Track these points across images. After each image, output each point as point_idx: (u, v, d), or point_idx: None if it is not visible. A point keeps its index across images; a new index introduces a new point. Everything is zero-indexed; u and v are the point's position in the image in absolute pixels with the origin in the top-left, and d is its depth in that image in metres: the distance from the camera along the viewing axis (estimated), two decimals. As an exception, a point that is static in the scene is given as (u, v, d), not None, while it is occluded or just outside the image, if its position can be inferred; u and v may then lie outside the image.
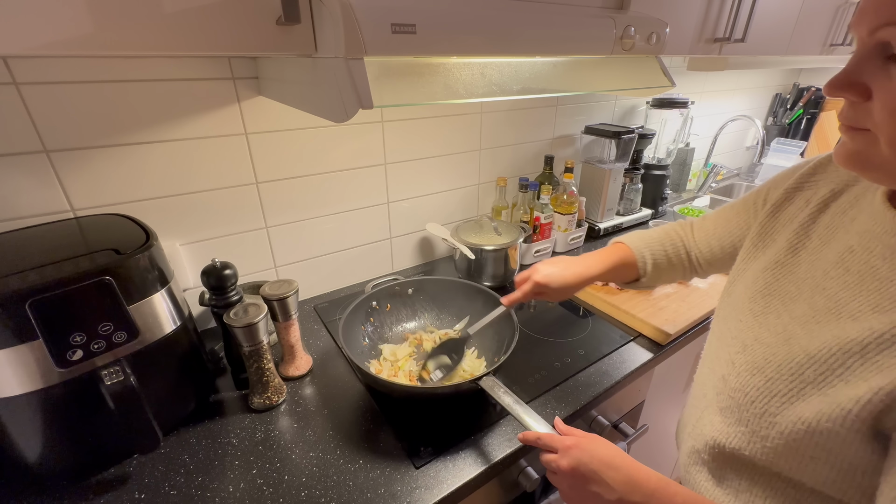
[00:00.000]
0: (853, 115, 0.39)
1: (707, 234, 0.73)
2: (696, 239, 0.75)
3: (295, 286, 0.78)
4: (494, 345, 0.87)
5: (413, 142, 1.10)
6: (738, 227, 0.68)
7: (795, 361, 0.45)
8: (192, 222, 0.87)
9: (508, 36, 0.64)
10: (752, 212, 0.65)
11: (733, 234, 0.69)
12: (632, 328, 0.97)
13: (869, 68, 0.37)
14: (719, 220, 0.72)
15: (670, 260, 0.76)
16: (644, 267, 0.77)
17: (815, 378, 0.43)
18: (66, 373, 0.56)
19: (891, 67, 0.35)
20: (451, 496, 0.62)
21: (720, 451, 0.52)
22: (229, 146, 0.86)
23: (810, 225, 0.53)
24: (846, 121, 0.40)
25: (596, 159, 1.43)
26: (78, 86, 0.70)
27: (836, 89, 0.38)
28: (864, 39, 0.37)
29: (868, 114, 0.37)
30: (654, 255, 0.76)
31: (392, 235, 1.18)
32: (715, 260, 0.73)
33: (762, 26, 1.20)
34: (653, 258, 0.76)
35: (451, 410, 0.75)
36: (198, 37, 0.49)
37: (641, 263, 0.77)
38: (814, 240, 0.52)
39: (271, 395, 0.75)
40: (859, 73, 0.37)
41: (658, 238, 0.78)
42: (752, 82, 2.13)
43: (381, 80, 0.55)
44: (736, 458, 0.50)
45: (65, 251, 0.60)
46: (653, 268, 0.77)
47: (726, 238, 0.70)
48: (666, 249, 0.77)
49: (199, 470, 0.65)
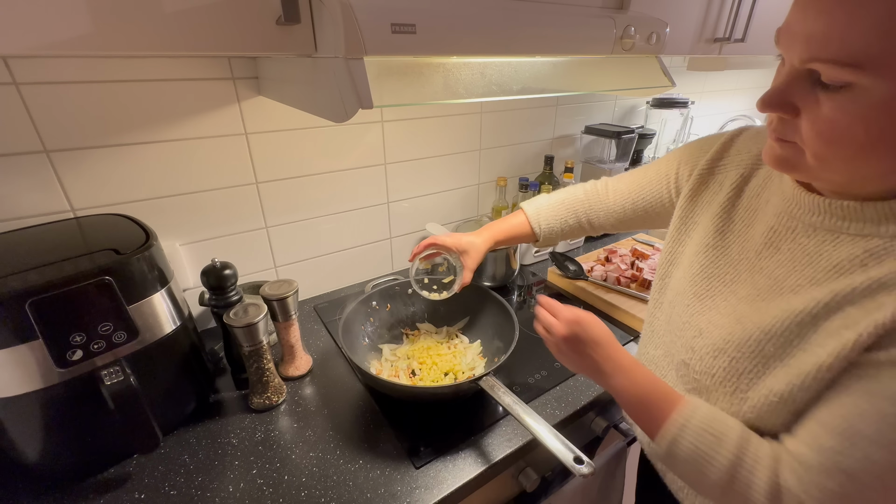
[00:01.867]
0: (782, 129, 0.43)
1: (620, 195, 0.78)
2: (611, 199, 0.79)
3: (295, 286, 0.78)
4: (494, 345, 0.87)
5: (413, 142, 1.10)
6: (651, 192, 0.73)
7: (753, 339, 0.48)
8: (192, 222, 0.87)
9: (508, 36, 0.64)
10: (665, 182, 0.71)
11: (647, 198, 0.74)
12: (632, 328, 0.97)
13: (798, 90, 0.40)
14: (633, 185, 0.77)
15: (565, 224, 0.82)
16: (538, 233, 0.83)
17: (776, 351, 0.46)
18: (66, 373, 0.56)
19: (818, 93, 0.39)
20: (451, 496, 0.62)
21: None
22: (229, 146, 0.86)
23: (730, 208, 0.58)
24: (776, 133, 0.44)
25: (596, 159, 1.43)
26: (78, 86, 0.70)
27: (768, 107, 0.42)
28: (794, 65, 0.40)
29: (796, 129, 0.42)
30: (549, 225, 0.83)
31: (392, 235, 1.18)
32: (626, 219, 0.78)
33: (762, 26, 1.20)
34: (548, 227, 0.82)
35: (451, 410, 0.75)
36: (198, 37, 0.49)
37: (537, 231, 0.83)
38: (737, 223, 0.57)
39: (271, 395, 0.75)
40: (789, 94, 0.41)
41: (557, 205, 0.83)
42: (752, 82, 2.13)
43: (381, 80, 0.55)
44: None
45: (65, 251, 0.60)
46: (545, 237, 0.83)
47: (640, 202, 0.75)
48: (562, 216, 0.82)
49: (199, 470, 0.65)
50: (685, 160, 0.68)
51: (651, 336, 0.67)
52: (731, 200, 0.58)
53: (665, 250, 0.67)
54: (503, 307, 0.86)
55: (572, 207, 0.82)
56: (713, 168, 0.62)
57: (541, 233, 0.82)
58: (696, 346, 0.54)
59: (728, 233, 0.57)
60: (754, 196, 0.56)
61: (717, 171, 0.62)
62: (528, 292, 1.14)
